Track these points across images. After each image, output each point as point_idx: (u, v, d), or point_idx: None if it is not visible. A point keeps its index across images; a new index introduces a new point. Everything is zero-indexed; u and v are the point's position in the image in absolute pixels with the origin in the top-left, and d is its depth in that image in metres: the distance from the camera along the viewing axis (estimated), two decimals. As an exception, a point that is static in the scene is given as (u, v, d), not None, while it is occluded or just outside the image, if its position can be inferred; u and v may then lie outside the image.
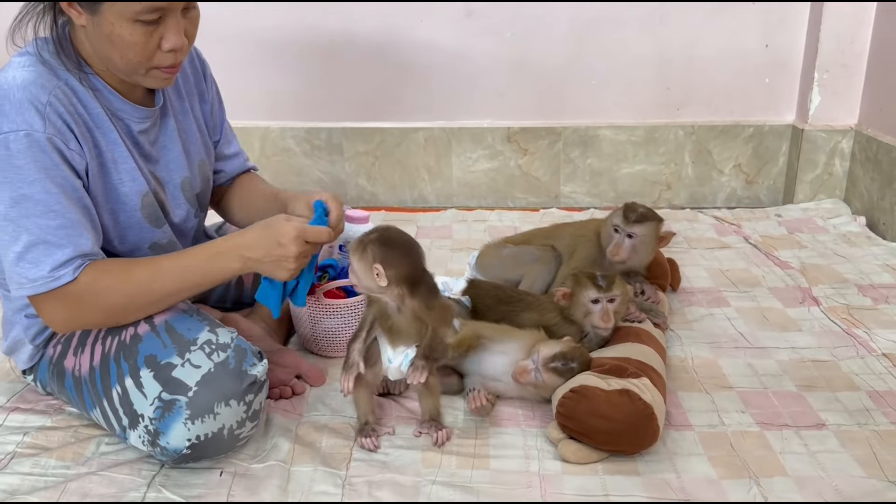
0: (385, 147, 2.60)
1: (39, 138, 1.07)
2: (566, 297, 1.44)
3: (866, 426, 1.28)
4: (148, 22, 1.08)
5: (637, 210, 1.59)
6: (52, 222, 1.08)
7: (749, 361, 1.50)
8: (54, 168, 1.09)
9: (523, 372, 1.28)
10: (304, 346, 1.58)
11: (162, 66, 1.14)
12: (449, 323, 1.24)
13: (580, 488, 1.13)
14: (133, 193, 1.21)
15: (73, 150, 1.11)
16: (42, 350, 1.29)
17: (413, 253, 1.19)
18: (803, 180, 2.48)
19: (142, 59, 1.11)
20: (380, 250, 1.16)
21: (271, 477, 1.15)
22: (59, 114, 1.10)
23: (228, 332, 1.18)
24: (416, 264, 1.18)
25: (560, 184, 2.61)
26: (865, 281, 1.87)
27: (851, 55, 2.37)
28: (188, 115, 1.34)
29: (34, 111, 1.08)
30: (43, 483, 1.15)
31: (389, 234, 1.19)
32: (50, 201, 1.08)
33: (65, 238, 1.09)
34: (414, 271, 1.17)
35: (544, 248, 1.71)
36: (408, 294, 1.17)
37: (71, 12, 1.10)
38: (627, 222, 1.58)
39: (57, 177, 1.09)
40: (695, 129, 2.54)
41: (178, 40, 1.12)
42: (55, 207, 1.09)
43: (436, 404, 1.27)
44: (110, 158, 1.18)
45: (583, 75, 2.52)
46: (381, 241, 1.17)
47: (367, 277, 1.17)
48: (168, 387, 1.11)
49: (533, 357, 1.29)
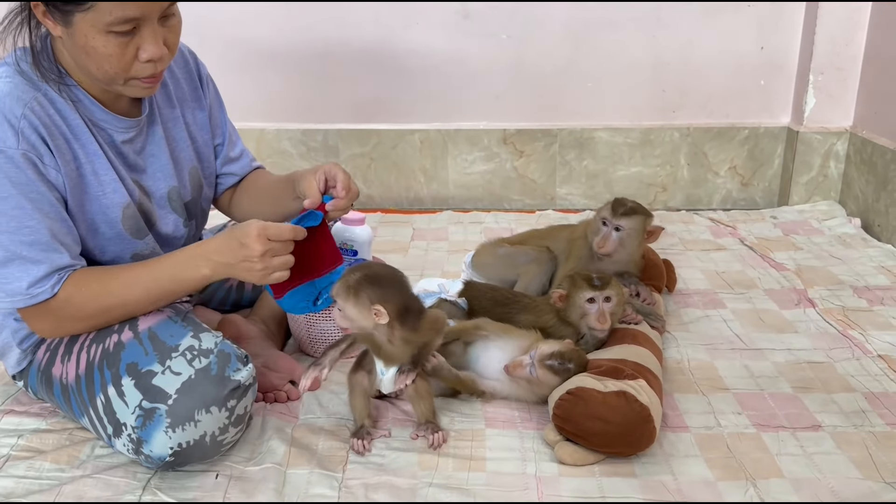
0: (381, 149, 2.60)
1: (13, 154, 1.07)
2: (562, 298, 1.44)
3: (862, 428, 1.28)
4: (122, 33, 1.05)
5: (626, 204, 1.61)
6: (27, 238, 1.08)
7: (745, 363, 1.50)
8: (28, 184, 1.08)
9: (517, 366, 1.28)
10: (300, 348, 1.57)
11: (141, 76, 1.11)
12: (440, 333, 1.26)
13: (577, 490, 1.13)
14: (114, 205, 1.20)
15: (47, 164, 1.10)
16: (31, 355, 1.28)
17: (403, 285, 1.20)
18: (798, 182, 2.48)
19: (119, 71, 1.09)
20: (375, 291, 1.16)
21: (267, 480, 1.15)
22: (34, 127, 1.08)
23: (213, 336, 1.17)
24: (407, 295, 1.20)
25: (556, 186, 2.61)
26: (861, 283, 1.88)
27: (846, 57, 2.38)
28: (178, 123, 1.32)
29: (7, 126, 1.07)
30: (38, 486, 1.14)
31: (376, 270, 1.20)
32: (24, 217, 1.08)
33: (40, 254, 1.09)
34: (408, 302, 1.19)
35: (540, 248, 1.72)
36: (398, 326, 1.19)
37: (46, 23, 1.08)
38: (615, 215, 1.59)
39: (31, 192, 1.08)
40: (690, 132, 2.55)
41: (156, 50, 1.09)
42: (29, 223, 1.08)
43: (429, 407, 1.27)
44: (90, 171, 1.17)
45: (579, 77, 2.52)
46: (373, 281, 1.17)
47: (365, 319, 1.17)
48: (148, 395, 1.11)
49: (531, 353, 1.29)
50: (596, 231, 1.62)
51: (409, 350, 1.22)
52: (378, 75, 2.54)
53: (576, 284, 1.43)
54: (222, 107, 1.44)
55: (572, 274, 1.48)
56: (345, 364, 1.30)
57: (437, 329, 1.25)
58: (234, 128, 1.47)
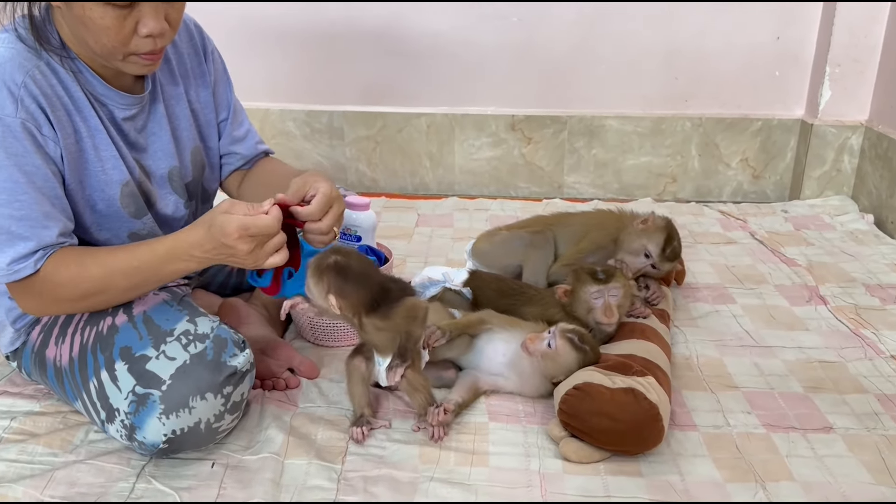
0: (386, 132, 2.56)
1: (10, 123, 1.03)
2: (567, 293, 1.40)
3: (875, 430, 1.25)
4: (121, 5, 1.01)
5: (676, 249, 1.57)
6: (17, 213, 1.04)
7: (755, 361, 1.47)
8: (24, 155, 1.04)
9: (536, 338, 1.25)
10: (301, 335, 1.54)
11: (140, 52, 1.07)
12: (419, 320, 1.21)
13: (581, 489, 1.10)
14: (113, 182, 1.16)
15: (46, 135, 1.06)
16: (25, 336, 1.25)
17: (368, 283, 1.16)
18: (811, 176, 2.44)
19: (116, 45, 1.04)
20: (335, 281, 1.13)
21: (264, 470, 1.12)
22: (34, 96, 1.04)
23: (210, 321, 1.14)
24: (370, 293, 1.16)
25: (564, 174, 2.57)
26: (873, 280, 1.84)
27: (864, 49, 2.33)
28: (181, 101, 1.28)
29: (7, 93, 1.03)
30: (29, 471, 1.12)
31: (347, 262, 1.15)
32: (16, 190, 1.04)
33: (28, 230, 1.05)
34: (369, 299, 1.16)
35: (535, 232, 1.67)
36: (364, 315, 1.16)
37: None
38: (662, 257, 1.55)
39: (26, 164, 1.04)
40: (702, 122, 2.50)
41: (156, 25, 1.04)
42: (21, 197, 1.04)
43: (427, 399, 1.23)
44: (90, 145, 1.13)
45: (590, 63, 2.47)
46: (337, 271, 1.14)
47: (322, 301, 1.15)
48: (142, 380, 1.07)
49: (550, 329, 1.27)
50: (634, 253, 1.56)
51: (386, 337, 1.19)
52: (385, 57, 2.49)
53: (580, 279, 1.39)
54: (229, 83, 1.39)
55: (576, 268, 1.45)
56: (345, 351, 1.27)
57: (414, 316, 1.20)
58: (242, 107, 1.42)
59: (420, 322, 1.21)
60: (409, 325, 1.19)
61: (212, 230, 1.05)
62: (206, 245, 1.06)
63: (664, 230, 1.56)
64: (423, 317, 1.22)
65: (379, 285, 1.18)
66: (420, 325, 1.21)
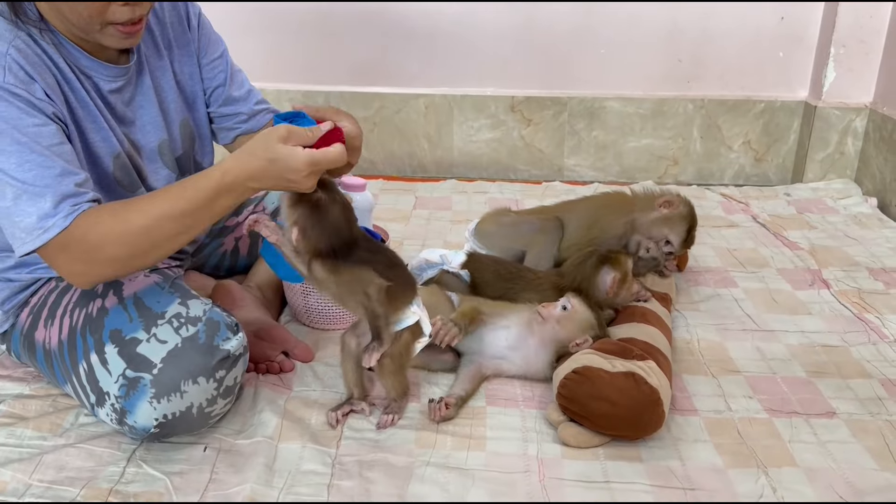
0: (384, 113, 2.52)
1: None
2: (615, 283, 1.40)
3: (879, 416, 1.23)
4: None
5: (693, 237, 1.58)
6: (29, 173, 0.99)
7: (757, 345, 1.44)
8: (20, 118, 1.00)
9: (549, 305, 1.26)
10: (296, 318, 1.52)
11: (118, 21, 1.03)
12: (371, 298, 1.12)
13: (580, 474, 1.08)
14: (105, 154, 1.13)
15: (40, 98, 1.02)
16: (13, 318, 1.22)
17: (337, 235, 1.09)
18: (814, 159, 2.41)
19: (92, 13, 1.01)
20: (306, 216, 1.07)
21: (257, 454, 1.10)
22: (21, 65, 1.01)
23: (202, 303, 1.11)
24: (330, 244, 1.09)
25: (564, 156, 2.54)
26: (877, 264, 1.82)
27: (870, 31, 2.29)
28: (167, 73, 1.24)
29: None
30: (17, 454, 1.09)
31: (329, 206, 1.08)
32: (23, 151, 0.99)
33: (43, 186, 1.00)
34: (327, 249, 1.09)
35: (545, 218, 1.65)
36: (316, 261, 1.10)
37: None
38: (682, 246, 1.56)
39: (25, 125, 1.00)
40: (704, 103, 2.46)
41: None
42: (29, 157, 0.99)
43: (396, 385, 1.19)
44: (82, 116, 1.10)
45: (591, 44, 2.43)
46: (313, 207, 1.07)
47: (287, 226, 1.09)
48: (132, 363, 1.05)
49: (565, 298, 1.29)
50: (654, 239, 1.55)
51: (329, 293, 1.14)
52: (383, 36, 2.45)
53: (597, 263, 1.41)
54: (220, 44, 1.33)
55: (593, 252, 1.44)
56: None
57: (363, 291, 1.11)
58: (240, 69, 1.37)
59: (376, 301, 1.12)
60: (356, 295, 1.12)
61: (276, 164, 1.01)
62: (266, 177, 1.02)
63: (687, 219, 1.56)
64: (377, 295, 1.12)
65: (346, 242, 1.11)
66: (378, 304, 1.13)
